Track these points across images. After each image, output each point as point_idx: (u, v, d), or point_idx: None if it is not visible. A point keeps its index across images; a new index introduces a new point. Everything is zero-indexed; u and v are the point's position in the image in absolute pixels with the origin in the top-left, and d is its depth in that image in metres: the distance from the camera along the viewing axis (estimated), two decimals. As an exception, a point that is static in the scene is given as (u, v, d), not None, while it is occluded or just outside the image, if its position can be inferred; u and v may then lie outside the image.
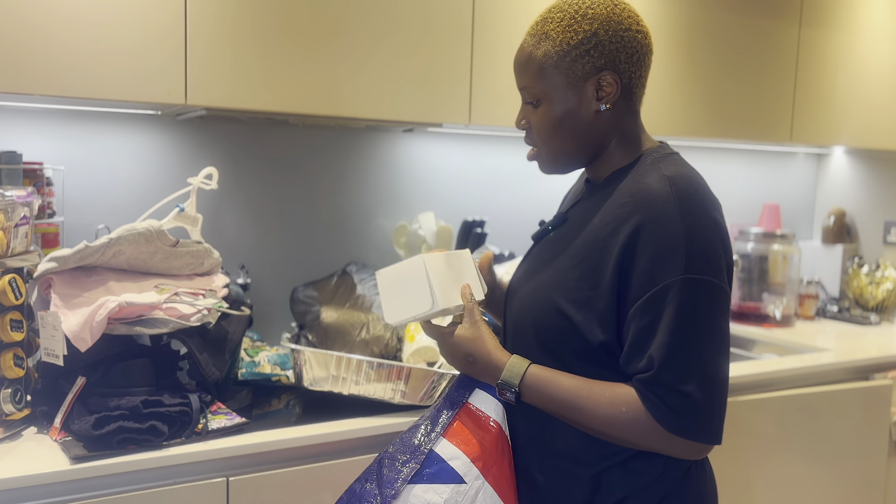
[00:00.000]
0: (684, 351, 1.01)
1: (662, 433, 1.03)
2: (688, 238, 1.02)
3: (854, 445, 2.23)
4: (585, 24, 1.10)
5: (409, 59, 1.88)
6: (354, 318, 1.78)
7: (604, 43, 1.10)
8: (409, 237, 2.27)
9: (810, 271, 3.08)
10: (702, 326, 1.02)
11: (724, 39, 2.39)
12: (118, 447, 1.31)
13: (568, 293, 1.10)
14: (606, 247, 1.08)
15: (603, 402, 1.06)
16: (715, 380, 1.03)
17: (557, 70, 1.12)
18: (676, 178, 1.07)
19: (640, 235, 1.04)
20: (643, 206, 1.06)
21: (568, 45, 1.11)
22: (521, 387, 1.11)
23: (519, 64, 1.17)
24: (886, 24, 2.77)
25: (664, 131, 2.28)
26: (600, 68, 1.11)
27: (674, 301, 1.01)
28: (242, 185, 2.09)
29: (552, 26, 1.12)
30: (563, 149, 1.16)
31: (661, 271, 1.02)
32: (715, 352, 1.03)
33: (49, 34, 1.50)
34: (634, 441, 1.07)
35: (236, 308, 1.61)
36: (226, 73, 1.67)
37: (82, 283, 1.47)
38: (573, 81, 1.12)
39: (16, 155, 1.67)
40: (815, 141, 2.66)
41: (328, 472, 1.47)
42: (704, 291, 1.02)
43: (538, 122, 1.15)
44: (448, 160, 2.40)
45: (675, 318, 1.01)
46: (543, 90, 1.13)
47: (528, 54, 1.14)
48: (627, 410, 1.04)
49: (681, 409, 1.01)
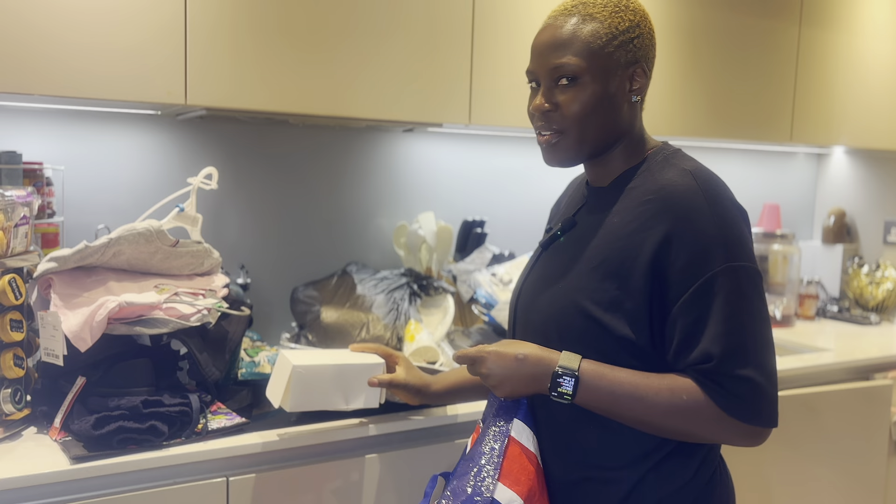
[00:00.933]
0: (740, 338, 1.03)
1: (726, 420, 1.03)
2: (722, 228, 1.04)
3: (854, 445, 2.23)
4: (630, 14, 1.12)
5: (410, 60, 1.88)
6: (354, 317, 1.79)
7: (643, 36, 1.13)
8: (409, 237, 2.27)
9: (810, 271, 3.08)
10: (751, 311, 1.04)
11: (724, 39, 2.39)
12: (118, 447, 1.31)
13: (593, 294, 1.09)
14: (632, 245, 1.07)
15: (663, 391, 1.05)
16: (769, 362, 1.05)
17: (603, 52, 1.10)
18: (697, 172, 1.09)
19: (674, 232, 1.04)
20: (671, 201, 1.06)
21: (616, 30, 1.11)
22: (579, 373, 1.07)
23: (556, 41, 1.12)
24: (886, 24, 2.77)
25: (664, 131, 2.27)
26: (637, 61, 1.13)
27: (721, 291, 1.02)
28: (242, 185, 2.09)
29: (597, 9, 1.12)
30: (592, 132, 1.13)
31: (702, 264, 1.03)
32: (765, 335, 1.06)
33: (49, 34, 1.50)
34: (696, 431, 1.06)
35: (236, 308, 1.61)
36: (226, 72, 1.67)
37: (82, 283, 1.47)
38: (614, 68, 1.11)
39: (16, 155, 1.67)
40: (815, 141, 2.66)
41: (328, 472, 1.47)
42: (747, 277, 1.04)
43: (572, 101, 1.11)
44: (448, 160, 2.40)
45: (725, 307, 1.02)
46: (585, 68, 1.10)
47: (571, 32, 1.11)
48: (689, 399, 1.03)
49: (743, 394, 1.02)
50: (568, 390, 1.07)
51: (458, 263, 2.24)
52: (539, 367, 1.10)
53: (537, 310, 1.18)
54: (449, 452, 1.59)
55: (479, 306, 2.05)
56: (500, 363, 1.12)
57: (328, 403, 1.40)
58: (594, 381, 1.07)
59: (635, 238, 1.07)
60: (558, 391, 1.08)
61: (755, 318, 1.04)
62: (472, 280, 2.11)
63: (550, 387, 1.08)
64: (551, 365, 1.09)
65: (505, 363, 1.12)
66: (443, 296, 2.00)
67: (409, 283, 1.98)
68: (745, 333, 1.03)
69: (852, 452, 2.23)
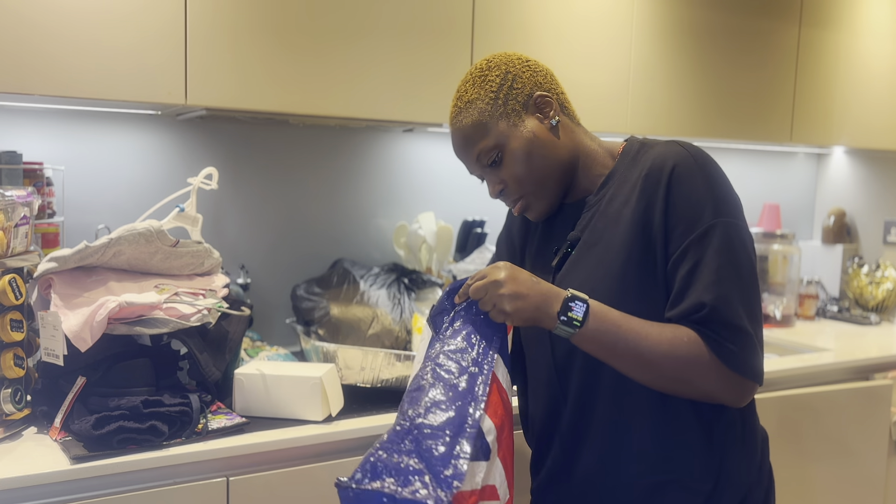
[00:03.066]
0: (732, 289, 1.05)
1: (720, 369, 1.05)
2: (712, 186, 1.09)
3: (854, 445, 2.23)
4: (495, 72, 1.19)
5: (410, 59, 1.88)
6: (363, 312, 1.81)
7: (518, 76, 1.19)
8: (409, 237, 2.27)
9: (810, 271, 3.08)
10: (743, 264, 1.07)
11: (724, 39, 2.39)
12: (118, 447, 1.31)
13: (634, 284, 1.11)
14: (650, 219, 1.10)
15: (665, 331, 1.07)
16: (758, 315, 1.09)
17: (498, 117, 1.18)
18: (681, 142, 1.14)
19: (671, 190, 1.09)
20: (666, 167, 1.10)
21: (493, 94, 1.18)
22: (589, 303, 1.07)
23: (462, 142, 1.21)
24: (886, 24, 2.77)
25: (664, 132, 2.27)
26: (529, 94, 1.18)
27: (713, 244, 1.06)
28: (242, 185, 2.09)
29: (469, 92, 1.20)
30: (545, 179, 1.19)
31: (695, 219, 1.07)
32: (755, 289, 1.09)
33: (49, 34, 1.50)
34: (691, 377, 1.06)
35: (236, 308, 1.61)
36: (226, 73, 1.67)
37: (82, 283, 1.47)
38: (516, 117, 1.18)
39: (16, 155, 1.67)
40: (815, 141, 2.66)
41: (328, 472, 1.47)
42: (736, 232, 1.08)
43: (511, 170, 1.18)
44: (448, 160, 2.39)
45: (716, 259, 1.06)
46: (497, 141, 1.18)
47: (466, 124, 1.20)
48: (689, 341, 1.05)
49: (738, 343, 1.04)
50: (578, 315, 1.06)
51: (458, 263, 2.24)
52: (552, 291, 1.08)
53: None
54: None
55: (479, 306, 2.04)
56: (517, 275, 1.09)
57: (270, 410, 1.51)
58: (602, 312, 1.07)
59: (646, 214, 1.11)
60: (568, 315, 1.06)
61: (745, 272, 1.08)
62: (472, 280, 2.11)
63: (560, 310, 1.06)
64: (563, 292, 1.08)
65: (522, 277, 1.09)
66: (432, 289, 2.02)
67: (399, 277, 2.00)
68: (736, 285, 1.06)
69: (852, 452, 2.23)
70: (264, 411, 1.51)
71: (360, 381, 1.67)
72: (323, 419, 1.50)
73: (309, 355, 1.78)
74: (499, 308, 1.07)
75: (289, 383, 1.50)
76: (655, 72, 2.25)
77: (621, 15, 2.19)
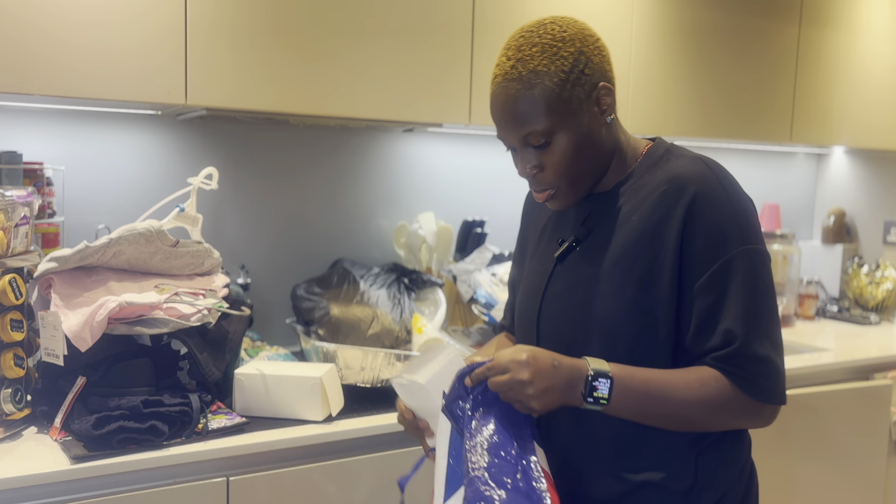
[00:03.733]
0: (759, 319, 1.04)
1: (751, 405, 1.05)
2: (737, 211, 1.06)
3: (854, 445, 2.23)
4: (568, 47, 1.08)
5: (410, 59, 1.88)
6: (363, 312, 1.81)
7: (591, 60, 1.09)
8: (409, 237, 2.27)
9: (810, 271, 3.08)
10: (767, 293, 1.06)
11: (723, 39, 2.39)
12: (118, 447, 1.31)
13: (635, 294, 1.08)
14: (659, 236, 1.07)
15: (692, 383, 1.04)
16: (780, 342, 1.07)
17: (560, 100, 1.07)
18: (707, 159, 1.11)
19: (693, 213, 1.05)
20: (688, 186, 1.07)
21: (563, 73, 1.07)
22: (612, 374, 1.03)
23: (512, 114, 1.09)
24: (886, 24, 2.77)
25: (664, 131, 2.27)
26: (596, 83, 1.09)
27: (739, 273, 1.04)
28: (242, 184, 2.09)
29: (535, 61, 1.07)
30: (584, 173, 1.12)
31: (720, 246, 1.04)
32: (777, 316, 1.08)
33: (49, 34, 1.50)
34: (724, 419, 1.07)
35: (236, 308, 1.61)
36: (226, 73, 1.67)
37: (82, 283, 1.47)
38: (578, 106, 1.08)
39: (16, 155, 1.68)
40: (815, 141, 2.66)
41: (328, 472, 1.48)
42: (760, 260, 1.06)
43: (556, 160, 1.10)
44: (448, 160, 2.40)
45: (743, 288, 1.04)
46: (552, 127, 1.08)
47: (522, 100, 1.07)
48: (718, 386, 1.04)
49: (766, 375, 1.04)
50: (604, 394, 1.03)
51: (458, 263, 2.24)
52: (573, 372, 1.04)
53: (572, 321, 1.14)
54: (449, 452, 1.60)
55: (479, 306, 2.05)
56: (541, 368, 1.02)
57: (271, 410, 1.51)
58: (626, 381, 1.04)
59: (659, 229, 1.07)
60: (594, 396, 1.03)
61: (769, 301, 1.06)
62: (472, 280, 2.11)
63: (585, 392, 1.03)
64: (583, 370, 1.04)
65: (545, 369, 1.02)
66: (432, 289, 2.02)
67: (399, 277, 2.00)
68: (762, 315, 1.04)
69: (852, 452, 2.23)
70: (264, 411, 1.51)
71: (360, 381, 1.67)
72: (323, 419, 1.50)
73: (309, 355, 1.78)
74: (525, 405, 1.04)
75: (289, 383, 1.50)
76: (655, 72, 2.25)
77: (621, 14, 2.19)
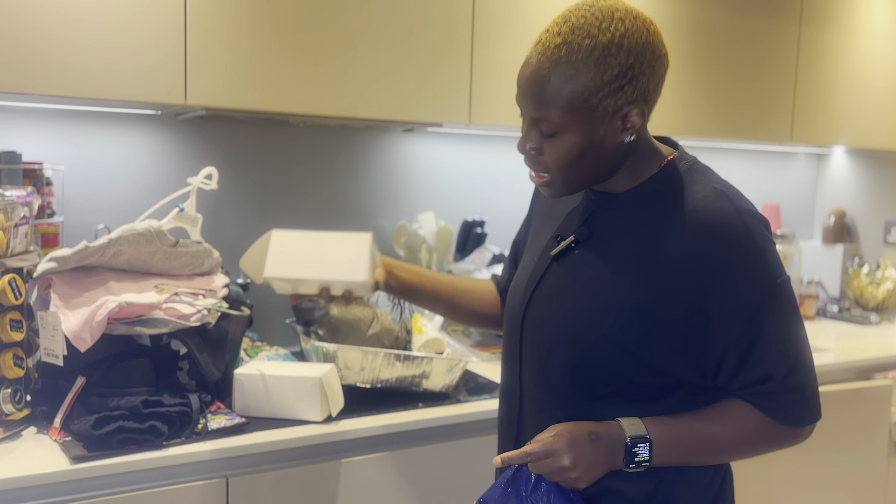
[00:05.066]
0: (794, 352, 1.03)
1: (787, 431, 1.05)
2: (763, 250, 1.02)
3: (854, 445, 2.23)
4: (622, 58, 0.98)
5: (410, 59, 1.88)
6: (363, 312, 1.81)
7: (639, 77, 1.00)
8: (409, 237, 2.27)
9: (810, 271, 3.08)
10: (798, 323, 1.04)
11: (724, 39, 2.39)
12: (118, 447, 1.31)
13: (623, 323, 1.03)
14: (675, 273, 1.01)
15: (728, 425, 1.05)
16: (812, 363, 1.06)
17: (587, 106, 1.00)
18: (730, 193, 1.05)
19: (722, 260, 1.00)
20: (712, 228, 1.01)
21: (601, 81, 0.98)
22: (650, 435, 1.03)
23: (536, 91, 1.02)
24: (886, 24, 2.77)
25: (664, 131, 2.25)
26: (632, 102, 1.01)
27: (773, 312, 1.01)
28: (242, 185, 2.09)
29: (581, 55, 0.98)
30: (581, 178, 1.07)
31: (751, 290, 1.01)
32: (806, 339, 1.06)
33: (49, 34, 1.50)
34: (763, 450, 1.09)
35: (236, 308, 1.61)
36: (225, 72, 1.67)
37: (82, 283, 1.47)
38: (601, 116, 1.01)
39: (16, 155, 1.67)
40: (815, 141, 2.66)
41: (329, 472, 1.47)
42: (788, 289, 1.04)
43: (556, 154, 1.04)
44: (448, 160, 2.40)
45: (779, 327, 1.02)
46: (567, 124, 1.01)
47: (552, 85, 1.00)
48: (754, 425, 1.04)
49: (802, 403, 1.04)
50: (645, 457, 1.03)
51: (458, 263, 2.24)
52: (612, 443, 1.03)
53: (553, 329, 1.10)
54: (449, 452, 1.60)
55: (479, 306, 2.05)
56: (581, 452, 1.02)
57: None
58: (664, 438, 1.04)
59: (675, 267, 1.01)
60: (636, 461, 1.03)
61: (801, 328, 1.05)
62: (472, 280, 2.11)
63: (626, 459, 1.03)
64: (621, 438, 1.03)
65: (584, 451, 1.02)
66: None
67: None
68: (797, 347, 1.04)
69: (852, 452, 2.23)
70: (264, 411, 1.51)
71: (359, 382, 1.67)
72: (323, 419, 1.50)
73: (309, 355, 1.78)
74: (572, 486, 1.05)
75: (289, 384, 1.50)
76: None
77: (621, 15, 2.19)
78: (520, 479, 1.07)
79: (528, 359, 1.15)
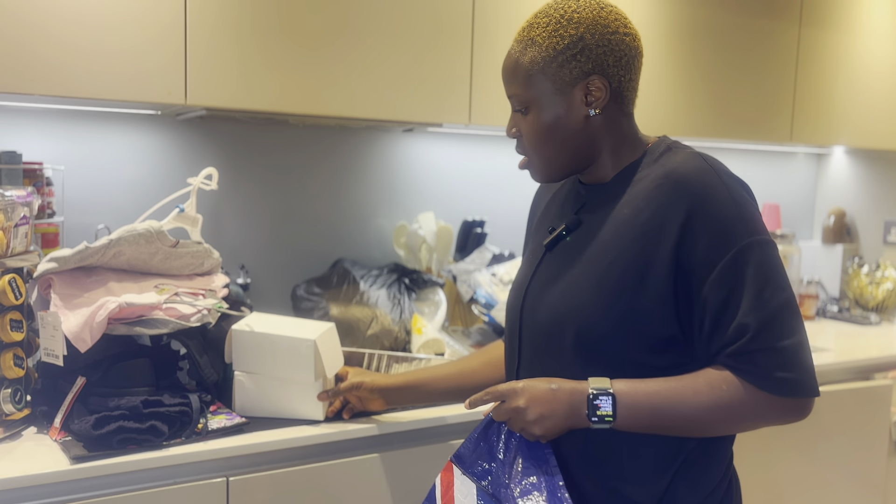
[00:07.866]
0: (772, 309, 1.01)
1: (770, 400, 1.01)
2: (740, 204, 1.04)
3: (854, 445, 2.23)
4: (571, 29, 1.09)
5: (410, 59, 1.88)
6: (362, 313, 1.81)
7: (590, 47, 1.09)
8: (409, 237, 2.27)
9: (810, 271, 3.08)
10: (780, 282, 1.03)
11: (724, 39, 2.39)
12: (118, 447, 1.31)
13: (614, 289, 1.06)
14: (650, 231, 1.05)
15: (701, 388, 1.03)
16: (801, 331, 1.03)
17: (545, 76, 1.10)
18: (705, 155, 1.10)
19: (694, 211, 1.03)
20: (686, 182, 1.05)
21: (554, 51, 1.09)
22: (614, 391, 1.03)
23: (507, 71, 1.15)
24: (886, 24, 2.77)
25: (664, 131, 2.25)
26: (588, 73, 1.10)
27: (749, 265, 1.01)
28: (242, 185, 2.09)
29: (538, 31, 1.11)
30: (554, 156, 1.14)
31: (726, 241, 1.02)
32: (794, 305, 1.04)
33: (49, 34, 1.50)
34: (743, 419, 1.05)
35: (236, 308, 1.61)
36: (226, 73, 1.67)
37: (82, 283, 1.47)
38: (561, 87, 1.10)
39: (16, 155, 1.68)
40: (815, 141, 2.66)
41: (328, 472, 1.47)
42: (768, 249, 1.03)
43: (528, 130, 1.14)
44: (448, 160, 2.40)
45: (754, 280, 1.01)
46: (532, 97, 1.12)
47: (515, 61, 1.13)
48: (728, 388, 1.02)
49: (784, 367, 1.00)
50: (608, 410, 1.03)
51: (458, 263, 2.24)
52: (574, 394, 1.05)
53: (551, 311, 1.13)
54: (449, 452, 1.59)
55: (479, 306, 2.05)
56: (536, 395, 1.06)
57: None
58: (630, 395, 1.04)
59: (652, 224, 1.05)
60: (598, 414, 1.04)
61: (783, 290, 1.03)
62: (472, 280, 2.11)
63: (588, 412, 1.04)
64: (584, 390, 1.05)
65: (541, 395, 1.06)
66: (433, 289, 2.02)
67: (400, 277, 2.00)
68: (776, 306, 1.01)
69: (852, 452, 2.23)
70: (264, 411, 1.51)
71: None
72: (323, 419, 1.50)
73: None
74: (529, 432, 1.07)
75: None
76: (655, 71, 2.25)
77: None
78: (491, 431, 1.11)
79: (527, 349, 1.18)
